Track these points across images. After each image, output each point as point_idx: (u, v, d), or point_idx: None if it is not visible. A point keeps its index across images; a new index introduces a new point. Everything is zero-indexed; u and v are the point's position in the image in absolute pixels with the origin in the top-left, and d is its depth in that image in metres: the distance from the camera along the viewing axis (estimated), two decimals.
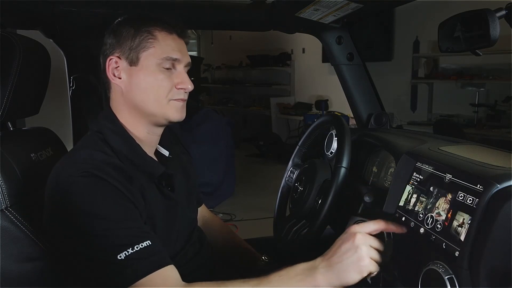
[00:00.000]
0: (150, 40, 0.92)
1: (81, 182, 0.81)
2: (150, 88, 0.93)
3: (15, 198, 0.88)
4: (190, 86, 0.95)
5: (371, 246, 0.82)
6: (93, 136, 0.93)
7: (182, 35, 0.97)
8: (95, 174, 0.82)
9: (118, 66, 0.93)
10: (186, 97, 0.97)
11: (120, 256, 0.77)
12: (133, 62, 0.92)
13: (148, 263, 0.78)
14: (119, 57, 0.93)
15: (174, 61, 0.93)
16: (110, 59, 0.94)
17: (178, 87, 0.94)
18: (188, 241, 1.04)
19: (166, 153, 1.06)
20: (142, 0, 1.37)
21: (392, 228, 0.85)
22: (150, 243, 0.80)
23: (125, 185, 0.85)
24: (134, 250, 0.78)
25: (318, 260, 0.82)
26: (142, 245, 0.79)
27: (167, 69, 0.93)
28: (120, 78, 0.94)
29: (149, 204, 0.90)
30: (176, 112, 0.96)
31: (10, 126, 1.08)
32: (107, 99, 0.99)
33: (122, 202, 0.83)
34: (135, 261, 0.77)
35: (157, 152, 1.04)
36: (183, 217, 1.02)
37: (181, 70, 0.95)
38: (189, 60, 0.98)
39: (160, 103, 0.93)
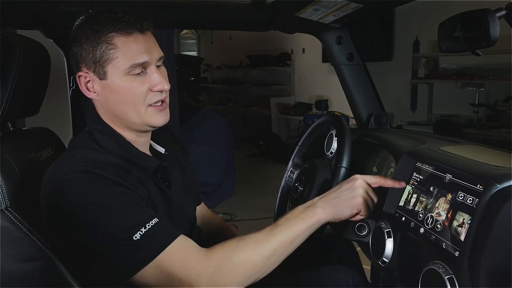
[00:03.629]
0: (111, 51, 0.87)
1: (78, 178, 0.81)
2: (125, 99, 0.90)
3: (15, 198, 0.88)
4: (166, 86, 0.91)
5: (368, 193, 0.94)
6: (84, 137, 0.93)
7: (143, 29, 0.90)
8: (91, 171, 0.82)
9: (89, 80, 0.91)
10: (164, 96, 0.93)
11: (135, 237, 0.78)
12: (101, 76, 0.89)
13: (164, 236, 0.81)
14: (87, 72, 0.90)
15: (142, 64, 0.89)
16: (80, 76, 0.91)
17: (154, 89, 0.90)
18: None
19: (162, 150, 1.06)
20: (141, 0, 1.36)
21: (391, 183, 0.96)
22: (157, 220, 0.82)
23: (123, 177, 0.85)
24: (147, 228, 0.80)
25: (317, 198, 0.94)
26: (152, 223, 0.81)
27: (138, 74, 0.89)
28: (95, 92, 0.92)
29: (150, 193, 0.90)
30: (157, 118, 0.93)
31: (10, 126, 1.08)
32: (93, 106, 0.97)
33: (123, 190, 0.83)
34: (151, 237, 0.79)
35: (152, 150, 1.04)
36: (179, 215, 1.02)
37: (152, 70, 0.90)
38: (161, 54, 0.92)
39: (139, 112, 0.91)
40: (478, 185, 0.76)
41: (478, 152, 0.99)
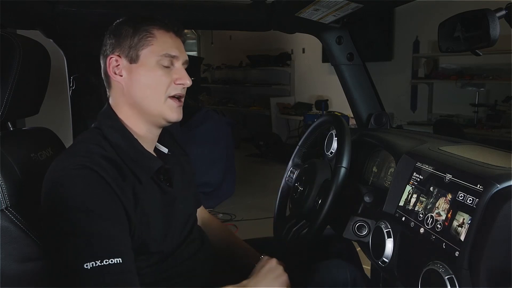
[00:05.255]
0: (148, 38, 0.95)
1: (74, 175, 0.82)
2: (150, 84, 0.95)
3: (15, 198, 0.88)
4: (188, 82, 0.98)
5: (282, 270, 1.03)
6: (92, 132, 0.95)
7: (178, 33, 1.00)
8: (89, 166, 0.83)
9: (119, 64, 0.96)
10: (183, 92, 0.99)
11: (86, 265, 0.76)
12: (133, 59, 0.95)
13: (109, 281, 0.77)
14: (119, 56, 0.96)
15: (172, 58, 0.96)
16: (111, 58, 0.96)
17: (177, 82, 0.97)
18: (187, 237, 1.04)
19: (165, 150, 1.07)
20: (142, 0, 1.37)
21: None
22: (120, 261, 0.79)
23: (118, 181, 0.85)
24: (102, 264, 0.77)
25: (245, 282, 0.98)
26: (112, 261, 0.78)
27: (166, 67, 0.96)
28: (121, 76, 0.96)
29: (143, 201, 0.90)
30: (173, 112, 0.97)
31: (10, 126, 1.08)
32: (107, 97, 1.01)
33: (111, 202, 0.83)
34: (98, 275, 0.77)
35: (156, 150, 1.05)
36: (181, 213, 1.03)
37: (179, 67, 0.98)
38: (187, 58, 1.01)
39: (158, 100, 0.95)
40: (478, 185, 0.76)
41: (478, 152, 0.99)
